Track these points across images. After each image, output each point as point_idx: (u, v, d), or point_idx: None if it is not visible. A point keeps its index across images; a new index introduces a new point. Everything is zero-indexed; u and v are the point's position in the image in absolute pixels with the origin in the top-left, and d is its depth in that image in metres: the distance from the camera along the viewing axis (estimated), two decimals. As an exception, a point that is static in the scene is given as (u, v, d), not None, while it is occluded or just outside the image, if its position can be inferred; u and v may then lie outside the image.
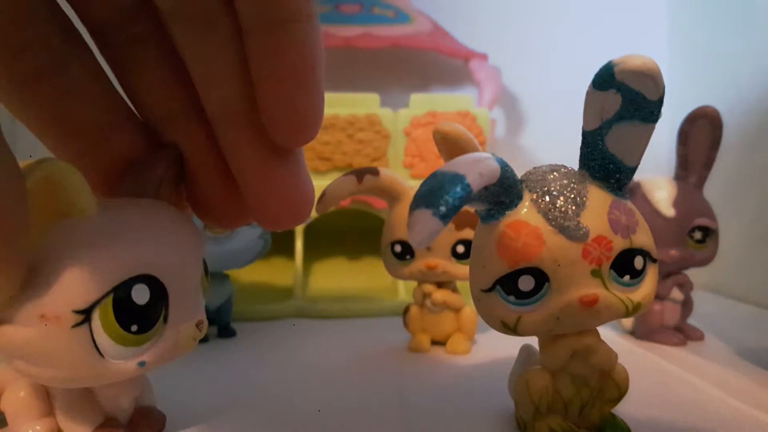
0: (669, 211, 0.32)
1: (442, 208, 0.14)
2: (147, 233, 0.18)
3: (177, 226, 0.19)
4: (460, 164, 0.16)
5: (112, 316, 0.16)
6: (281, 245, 0.44)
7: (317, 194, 0.30)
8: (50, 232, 0.16)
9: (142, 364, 0.17)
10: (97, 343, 0.16)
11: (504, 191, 0.17)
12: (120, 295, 0.16)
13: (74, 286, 0.16)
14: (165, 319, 0.18)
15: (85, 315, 0.16)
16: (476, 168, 0.16)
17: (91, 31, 0.18)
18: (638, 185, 0.34)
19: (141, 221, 0.18)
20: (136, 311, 0.17)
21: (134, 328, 0.17)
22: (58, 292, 0.16)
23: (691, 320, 0.35)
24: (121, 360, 0.17)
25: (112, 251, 0.17)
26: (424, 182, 0.16)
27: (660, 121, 0.17)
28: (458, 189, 0.15)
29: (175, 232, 0.19)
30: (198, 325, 0.19)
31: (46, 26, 0.17)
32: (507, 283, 0.18)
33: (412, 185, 0.31)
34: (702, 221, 0.33)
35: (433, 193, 0.15)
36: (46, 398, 0.19)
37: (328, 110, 0.44)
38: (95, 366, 0.17)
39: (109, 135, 0.19)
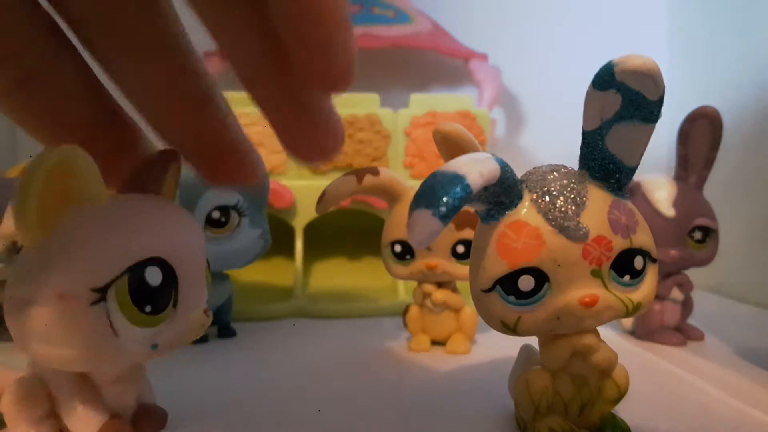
0: (669, 211, 0.32)
1: (442, 209, 0.15)
2: (157, 221, 0.19)
3: (182, 218, 0.20)
4: (460, 164, 0.16)
5: (128, 296, 0.17)
6: (281, 245, 0.44)
7: (317, 195, 0.30)
8: (66, 215, 0.17)
9: (154, 346, 0.18)
10: (113, 322, 0.17)
11: (504, 191, 0.17)
12: (134, 276, 0.17)
13: (91, 265, 0.17)
14: (175, 305, 0.19)
15: (102, 293, 0.17)
16: (476, 168, 0.16)
17: (72, 28, 0.18)
18: (638, 185, 0.34)
19: (150, 210, 0.19)
20: (150, 292, 0.18)
21: (148, 308, 0.18)
22: (75, 272, 0.16)
23: (691, 320, 0.35)
24: (135, 341, 0.18)
25: (126, 234, 0.17)
26: (424, 182, 0.16)
27: (660, 121, 0.17)
28: (458, 189, 0.15)
29: (181, 223, 0.20)
30: (205, 312, 0.20)
31: (32, 30, 0.17)
32: (507, 283, 0.18)
33: (412, 185, 0.31)
34: (702, 221, 0.33)
35: (433, 194, 0.15)
36: (47, 399, 0.19)
37: (328, 110, 0.44)
38: (111, 346, 0.17)
39: (101, 131, 0.19)
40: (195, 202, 0.32)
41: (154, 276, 0.18)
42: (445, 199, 0.15)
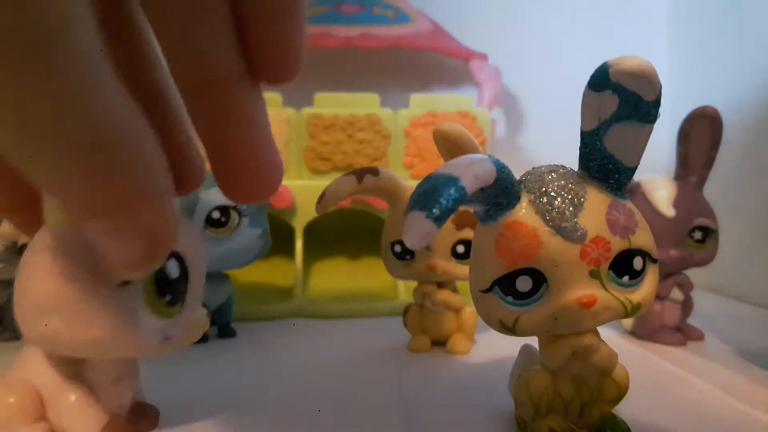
0: (669, 211, 0.32)
1: (435, 211, 0.14)
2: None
3: (188, 226, 0.21)
4: (455, 166, 0.16)
5: (153, 282, 0.18)
6: (281, 245, 0.44)
7: (317, 195, 0.30)
8: None
9: (166, 339, 0.19)
10: (136, 307, 0.18)
11: (501, 192, 0.17)
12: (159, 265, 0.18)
13: None
14: (182, 303, 0.19)
15: None
16: (471, 170, 0.16)
17: None
18: (638, 185, 0.34)
19: None
20: (169, 283, 0.18)
21: (168, 297, 0.18)
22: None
23: (691, 320, 0.35)
24: (151, 331, 0.18)
25: None
26: (420, 184, 0.16)
27: (660, 121, 0.17)
28: (452, 191, 0.15)
29: (189, 228, 0.20)
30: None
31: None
32: (505, 284, 0.18)
33: (411, 185, 0.31)
34: (702, 221, 0.33)
35: (427, 196, 0.15)
36: (39, 403, 0.19)
37: (329, 110, 0.44)
38: (131, 333, 0.18)
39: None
40: (195, 202, 0.32)
41: (173, 268, 0.18)
42: (439, 202, 0.15)
